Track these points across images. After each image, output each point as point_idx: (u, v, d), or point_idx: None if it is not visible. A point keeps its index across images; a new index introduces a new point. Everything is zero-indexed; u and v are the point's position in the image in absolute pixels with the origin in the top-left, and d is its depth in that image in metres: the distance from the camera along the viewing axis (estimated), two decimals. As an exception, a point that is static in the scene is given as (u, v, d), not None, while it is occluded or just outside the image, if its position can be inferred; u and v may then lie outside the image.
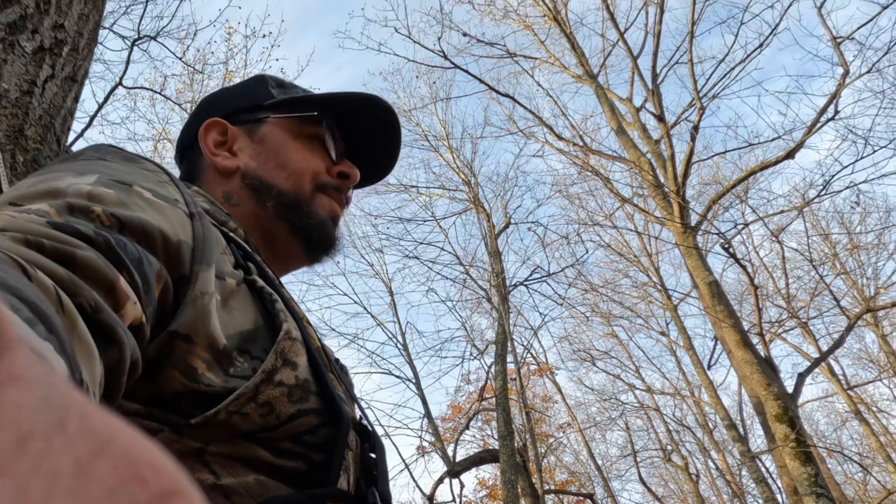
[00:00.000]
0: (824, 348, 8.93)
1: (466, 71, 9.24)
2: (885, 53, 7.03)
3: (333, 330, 11.89)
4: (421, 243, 12.31)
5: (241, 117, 0.79)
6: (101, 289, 0.39)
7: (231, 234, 0.63)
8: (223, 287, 0.53)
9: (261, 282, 0.57)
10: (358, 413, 0.60)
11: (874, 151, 6.77)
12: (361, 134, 0.83)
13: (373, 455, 0.55)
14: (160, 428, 0.45)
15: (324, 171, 0.77)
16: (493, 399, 9.23)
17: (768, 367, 5.88)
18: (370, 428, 0.57)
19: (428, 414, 10.92)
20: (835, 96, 6.58)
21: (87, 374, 0.33)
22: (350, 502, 0.51)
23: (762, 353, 6.16)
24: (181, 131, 0.85)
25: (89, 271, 0.38)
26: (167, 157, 9.71)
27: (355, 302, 13.72)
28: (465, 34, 10.42)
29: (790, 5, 7.74)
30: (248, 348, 0.51)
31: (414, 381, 11.44)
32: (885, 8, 7.04)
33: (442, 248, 12.29)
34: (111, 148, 0.59)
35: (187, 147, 0.81)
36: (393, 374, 11.51)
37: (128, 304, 0.41)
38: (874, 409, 13.00)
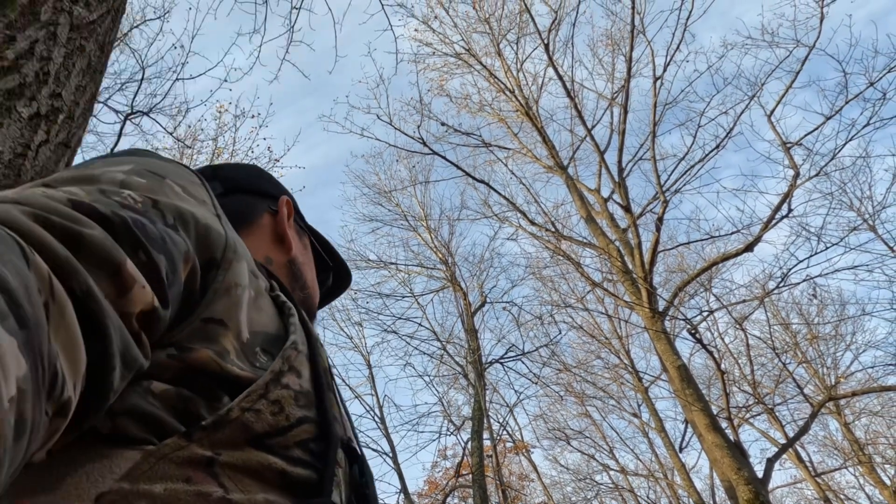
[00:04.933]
0: (790, 434, 9.10)
1: (444, 157, 9.75)
2: (831, 159, 7.71)
3: (310, 400, 11.68)
4: (399, 318, 12.46)
5: (295, 216, 0.88)
6: (104, 271, 0.37)
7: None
8: (257, 286, 0.54)
9: (283, 296, 0.58)
10: (348, 436, 0.59)
11: (826, 248, 7.28)
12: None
13: (363, 478, 0.54)
14: (173, 430, 0.42)
15: None
16: (470, 476, 9.06)
17: (738, 452, 6.01)
18: (359, 451, 0.56)
19: (404, 489, 10.65)
20: (787, 195, 7.13)
21: (67, 367, 0.32)
22: None
23: (731, 438, 6.30)
24: (232, 168, 0.88)
25: (94, 251, 0.37)
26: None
27: (334, 373, 13.56)
28: (443, 124, 11.05)
29: (742, 112, 8.50)
30: (270, 349, 0.51)
31: (391, 454, 11.20)
32: (828, 118, 7.80)
33: (420, 324, 12.47)
34: (147, 150, 0.60)
35: (243, 188, 0.84)
36: (370, 448, 11.24)
37: (135, 287, 0.39)
38: (842, 496, 13.06)
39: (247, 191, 0.83)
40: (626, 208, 8.84)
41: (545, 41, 10.34)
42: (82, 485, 0.38)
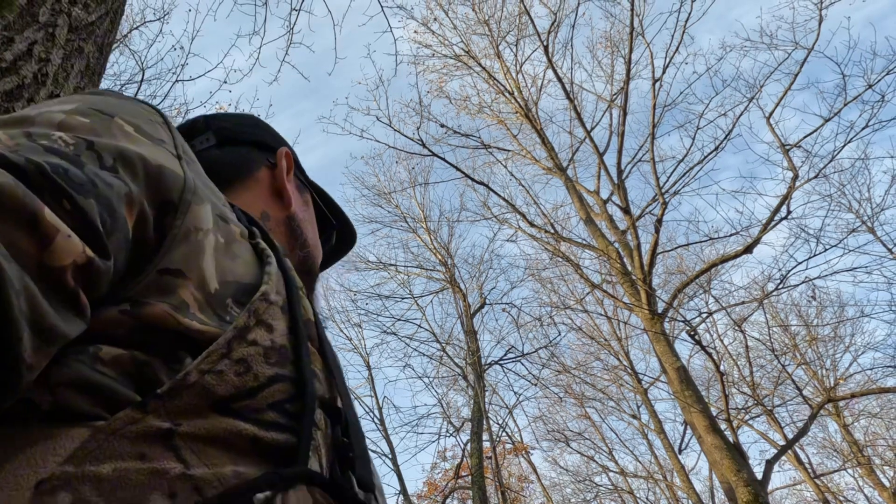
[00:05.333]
0: (790, 436, 9.11)
1: (443, 159, 9.74)
2: (830, 161, 7.72)
3: (308, 402, 11.82)
4: (399, 320, 12.54)
5: (296, 170, 0.82)
6: (16, 223, 0.33)
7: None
8: (228, 231, 0.51)
9: (263, 244, 0.54)
10: (331, 394, 0.53)
11: (825, 250, 7.30)
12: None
13: (346, 439, 0.49)
14: (127, 401, 0.38)
15: None
16: (469, 477, 9.10)
17: (737, 453, 6.01)
18: (343, 410, 0.50)
19: (404, 491, 10.68)
20: (786, 197, 7.14)
21: None
22: (323, 485, 0.43)
23: (731, 439, 6.30)
24: (227, 119, 0.82)
25: (2, 202, 0.33)
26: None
27: (333, 374, 13.64)
28: (442, 125, 11.03)
29: (741, 114, 8.51)
30: (245, 301, 0.47)
31: (390, 456, 11.24)
32: (827, 120, 7.81)
33: (419, 326, 12.56)
34: (108, 90, 0.55)
35: (238, 139, 0.79)
36: (369, 449, 11.32)
37: (58, 238, 0.35)
38: (841, 498, 13.07)
39: (242, 142, 0.78)
40: (626, 210, 8.85)
41: (544, 43, 10.36)
42: (21, 471, 0.34)
